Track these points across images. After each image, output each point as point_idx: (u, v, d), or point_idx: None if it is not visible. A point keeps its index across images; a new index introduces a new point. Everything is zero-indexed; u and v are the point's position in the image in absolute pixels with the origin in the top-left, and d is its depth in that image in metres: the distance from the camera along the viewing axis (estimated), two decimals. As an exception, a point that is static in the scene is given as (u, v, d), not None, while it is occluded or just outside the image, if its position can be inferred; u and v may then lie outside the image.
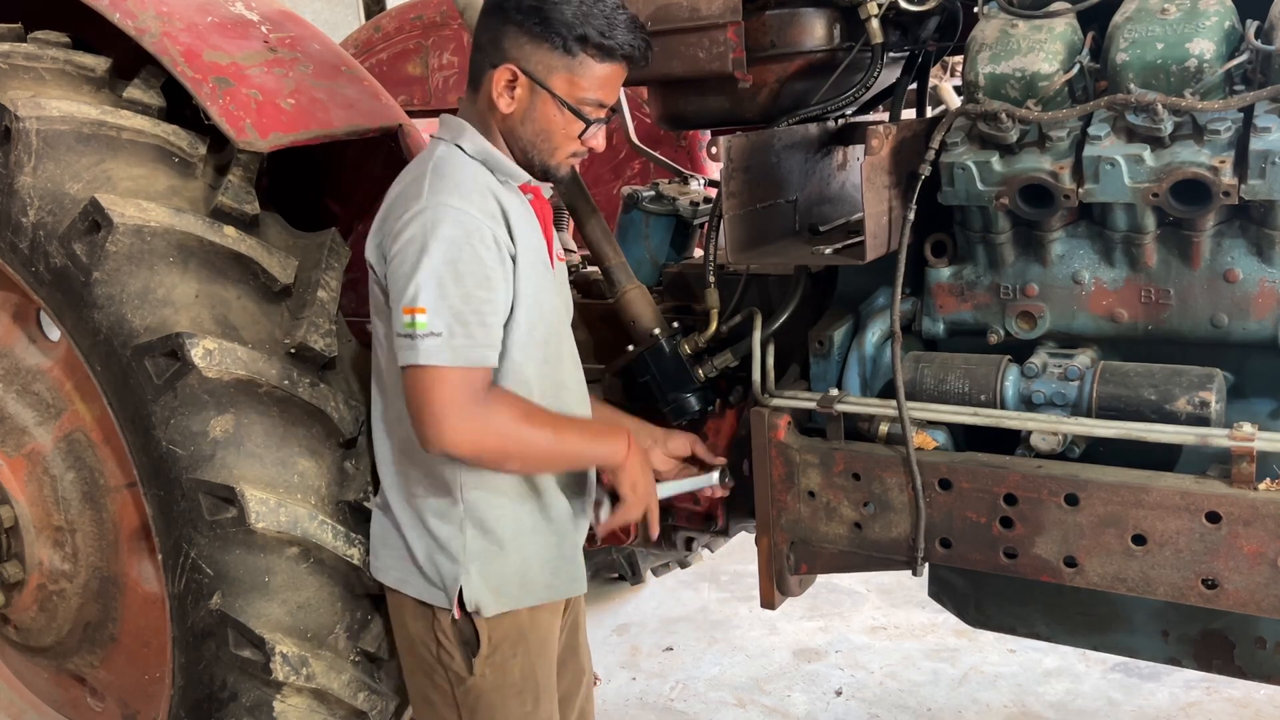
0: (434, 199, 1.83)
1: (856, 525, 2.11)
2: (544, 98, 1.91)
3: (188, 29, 2.24)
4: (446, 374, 1.82)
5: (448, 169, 1.90)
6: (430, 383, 1.82)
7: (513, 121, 1.94)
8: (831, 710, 3.67)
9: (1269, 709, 3.49)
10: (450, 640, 2.02)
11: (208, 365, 2.02)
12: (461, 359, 1.82)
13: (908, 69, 2.43)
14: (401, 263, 1.83)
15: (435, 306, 1.80)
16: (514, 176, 1.99)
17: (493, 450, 1.89)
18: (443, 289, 1.80)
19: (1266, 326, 1.88)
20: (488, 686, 2.03)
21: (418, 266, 1.80)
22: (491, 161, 1.96)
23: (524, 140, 1.96)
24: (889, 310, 2.09)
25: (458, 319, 1.81)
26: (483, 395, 1.87)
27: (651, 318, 2.42)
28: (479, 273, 1.83)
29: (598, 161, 3.71)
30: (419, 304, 1.79)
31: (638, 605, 4.51)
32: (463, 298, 1.82)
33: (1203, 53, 1.77)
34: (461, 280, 1.82)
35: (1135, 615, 2.15)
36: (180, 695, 2.24)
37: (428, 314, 1.79)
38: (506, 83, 1.91)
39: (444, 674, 2.05)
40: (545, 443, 1.95)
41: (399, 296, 1.83)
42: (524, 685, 2.06)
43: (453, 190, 1.85)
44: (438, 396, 1.82)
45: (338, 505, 2.15)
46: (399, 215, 1.86)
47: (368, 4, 8.93)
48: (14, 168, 2.12)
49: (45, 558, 2.42)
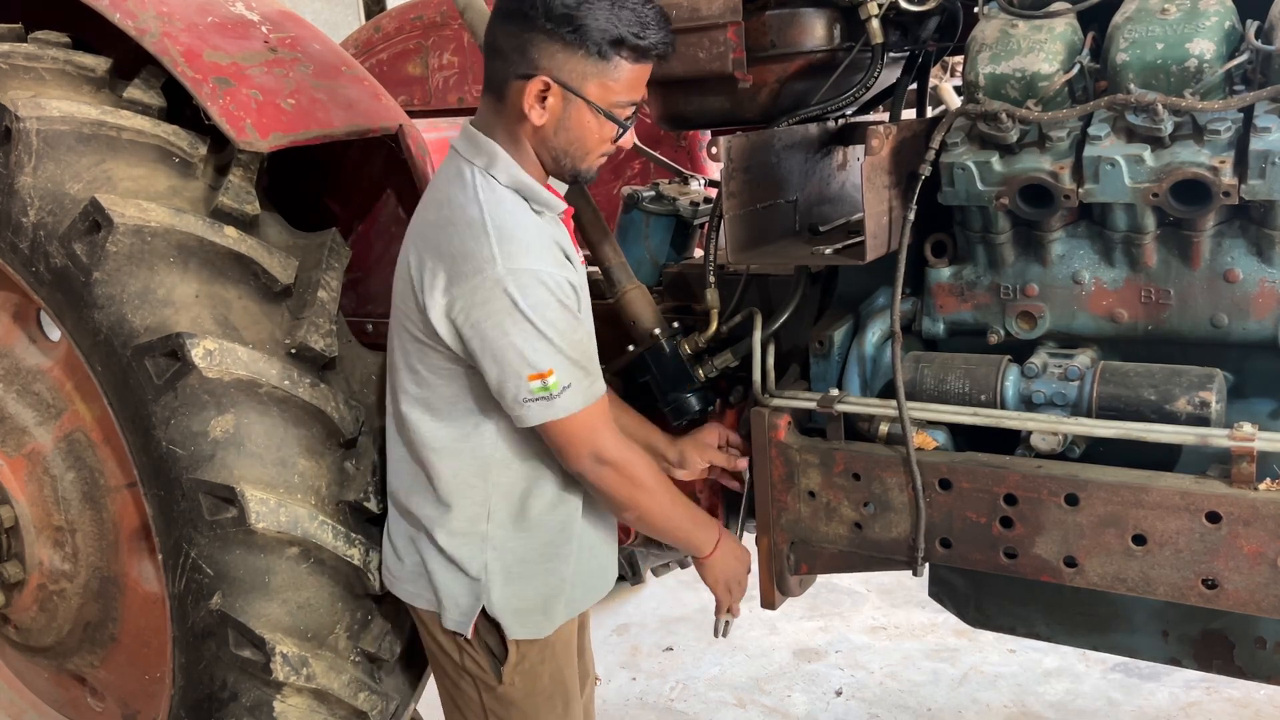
0: (510, 265, 1.81)
1: (856, 525, 2.11)
2: (578, 106, 1.87)
3: (188, 29, 2.24)
4: (585, 414, 1.91)
5: (508, 222, 1.86)
6: (578, 428, 1.91)
7: (545, 133, 1.90)
8: (831, 710, 3.67)
9: (1269, 709, 3.49)
10: (475, 648, 2.03)
11: (208, 365, 2.02)
12: (591, 396, 1.92)
13: (908, 69, 2.43)
14: (503, 333, 1.83)
15: (559, 364, 1.85)
16: (551, 208, 1.98)
17: (627, 492, 1.99)
18: (555, 347, 1.85)
19: (1266, 326, 1.88)
20: (519, 694, 2.04)
21: (526, 336, 1.83)
22: (526, 192, 1.93)
23: (556, 149, 1.93)
24: (889, 310, 2.09)
25: (576, 366, 1.89)
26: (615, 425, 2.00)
27: (651, 318, 2.42)
28: (569, 319, 1.88)
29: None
30: (544, 368, 1.84)
31: (638, 605, 4.51)
32: (571, 346, 1.88)
33: (1203, 53, 1.77)
34: (564, 334, 1.87)
35: (1135, 615, 2.15)
36: (180, 695, 2.24)
37: (556, 374, 1.85)
38: (538, 94, 1.86)
39: (471, 681, 2.06)
40: (663, 506, 2.06)
41: (515, 366, 1.84)
42: (554, 690, 2.08)
43: (526, 253, 1.83)
44: (585, 436, 1.92)
45: (338, 505, 2.15)
46: (471, 275, 1.82)
47: (368, 4, 8.93)
48: (14, 168, 2.12)
49: (45, 558, 2.42)
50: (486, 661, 2.03)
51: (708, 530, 2.17)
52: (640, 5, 1.85)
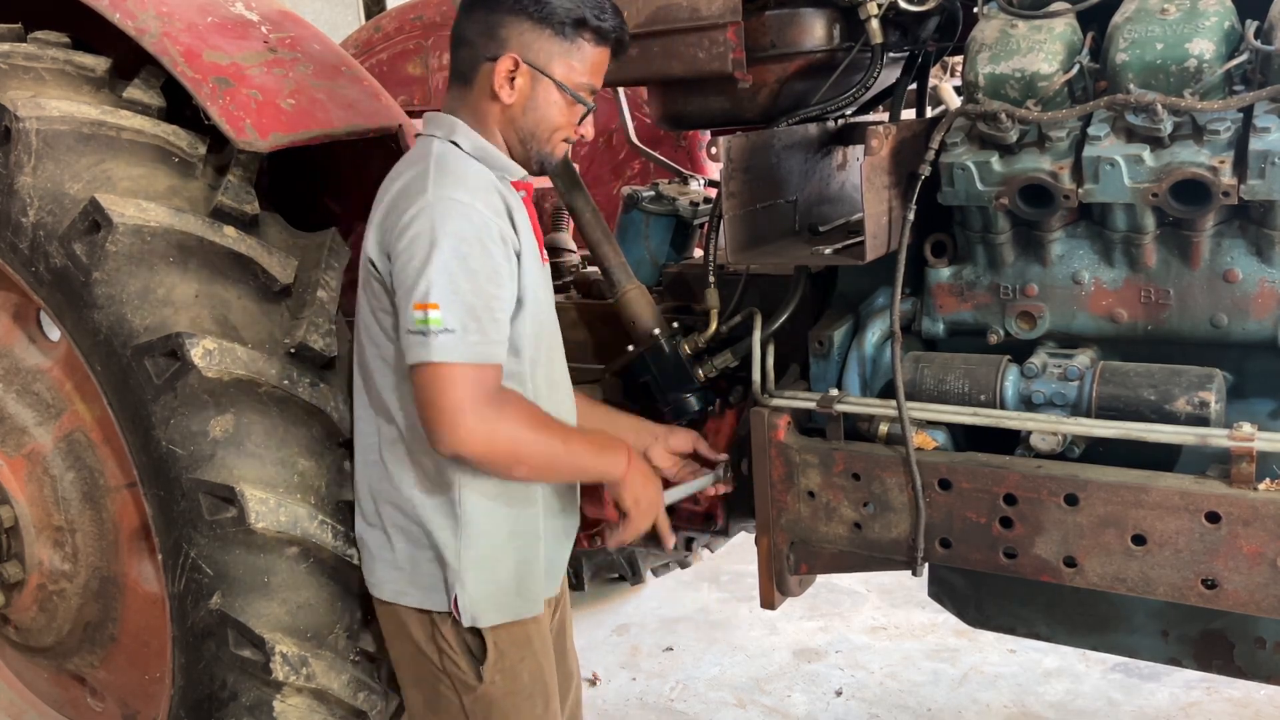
0: (440, 193, 1.81)
1: (856, 525, 2.11)
2: (545, 85, 1.92)
3: (188, 29, 2.24)
4: (460, 371, 1.79)
5: (451, 164, 1.89)
6: (444, 380, 1.78)
7: (514, 112, 1.93)
8: (831, 710, 3.67)
9: (1269, 709, 3.49)
10: (454, 649, 2.01)
11: (208, 365, 2.02)
12: (475, 355, 1.80)
13: (908, 69, 2.43)
14: (410, 258, 1.79)
15: (448, 302, 1.76)
16: (510, 172, 1.98)
17: (504, 454, 1.86)
18: (455, 285, 1.77)
19: (1266, 326, 1.88)
20: (499, 693, 2.02)
21: (428, 262, 1.77)
22: (488, 158, 1.95)
23: (524, 130, 1.95)
24: (889, 310, 2.09)
25: (471, 315, 1.79)
26: (495, 394, 1.84)
27: (651, 318, 2.42)
28: (489, 268, 1.82)
29: (598, 161, 3.71)
30: (431, 299, 1.76)
31: (638, 605, 4.51)
32: (475, 293, 1.79)
33: (1202, 53, 1.77)
34: (474, 276, 1.79)
35: (1135, 615, 2.15)
36: (180, 695, 2.24)
37: (441, 310, 1.76)
38: (508, 73, 1.90)
39: (450, 683, 2.03)
40: (554, 451, 1.93)
41: (408, 292, 1.79)
42: (534, 688, 2.06)
43: (459, 185, 1.84)
44: (452, 394, 1.79)
45: (338, 505, 2.15)
46: (403, 210, 1.83)
47: (368, 4, 8.93)
48: (14, 168, 2.12)
49: (45, 558, 2.42)
50: (466, 662, 2.01)
51: (615, 453, 2.05)
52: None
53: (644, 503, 2.08)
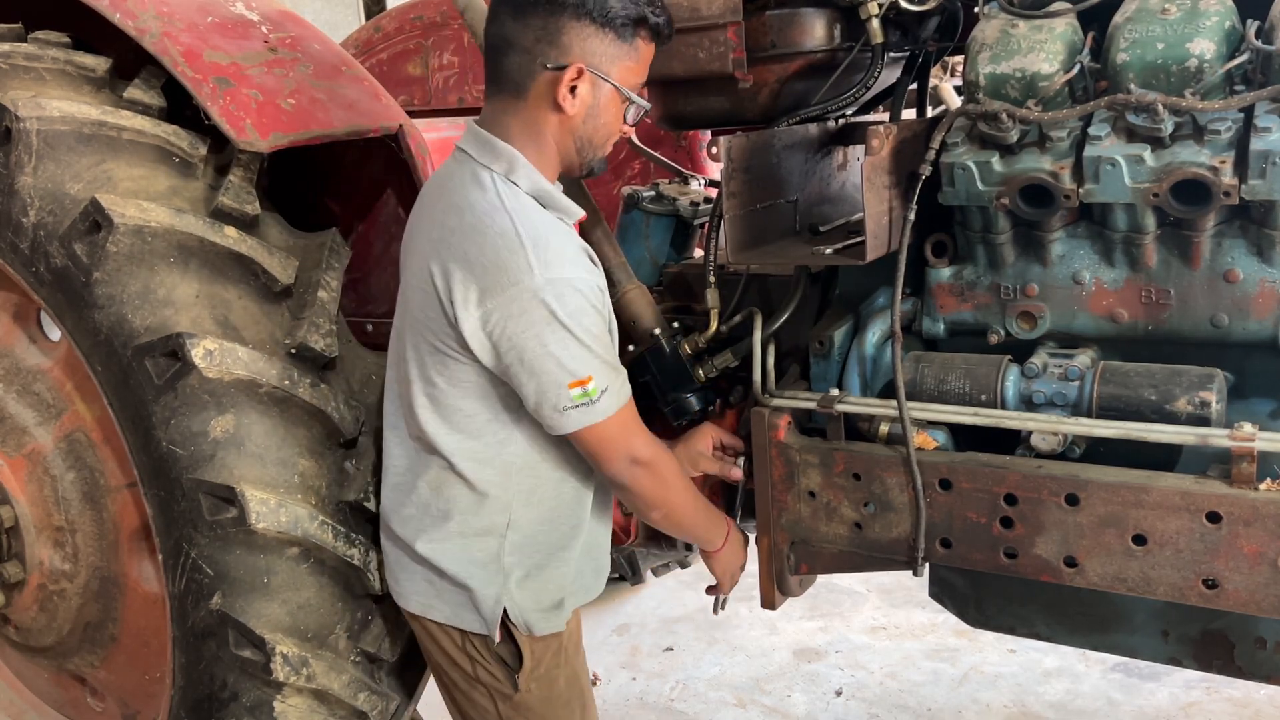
0: (548, 274, 1.79)
1: (857, 525, 2.11)
2: (608, 92, 1.88)
3: (188, 29, 2.24)
4: (621, 415, 1.92)
5: (541, 230, 1.83)
6: (615, 430, 1.91)
7: (574, 122, 1.88)
8: (831, 710, 3.67)
9: (1269, 709, 3.49)
10: (487, 659, 2.02)
11: (208, 365, 2.02)
12: (626, 395, 1.94)
13: (908, 69, 2.43)
14: (540, 344, 1.81)
15: (597, 370, 1.85)
16: (569, 215, 1.97)
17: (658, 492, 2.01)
18: (593, 353, 1.85)
19: (1266, 327, 1.88)
20: (536, 701, 2.03)
21: (564, 345, 1.82)
22: (545, 199, 1.91)
23: (583, 138, 1.91)
24: (889, 310, 2.09)
25: (612, 369, 1.90)
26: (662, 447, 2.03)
27: (651, 318, 2.42)
28: (602, 326, 1.89)
29: (598, 161, 3.70)
30: (582, 375, 1.84)
31: (638, 605, 4.51)
32: (605, 349, 1.89)
33: (1203, 53, 1.77)
34: (599, 339, 1.87)
35: (1135, 615, 2.15)
36: (180, 695, 2.24)
37: (595, 380, 1.85)
38: (571, 82, 1.84)
39: (485, 691, 2.04)
40: (688, 505, 2.10)
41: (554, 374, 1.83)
42: (570, 694, 2.08)
43: (560, 260, 1.81)
44: (621, 438, 1.93)
45: (338, 505, 2.15)
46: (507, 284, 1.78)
47: (368, 4, 8.93)
48: (14, 168, 2.12)
49: (45, 558, 2.42)
50: (501, 671, 2.02)
51: (720, 525, 2.21)
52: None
53: (731, 573, 2.28)
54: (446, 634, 2.04)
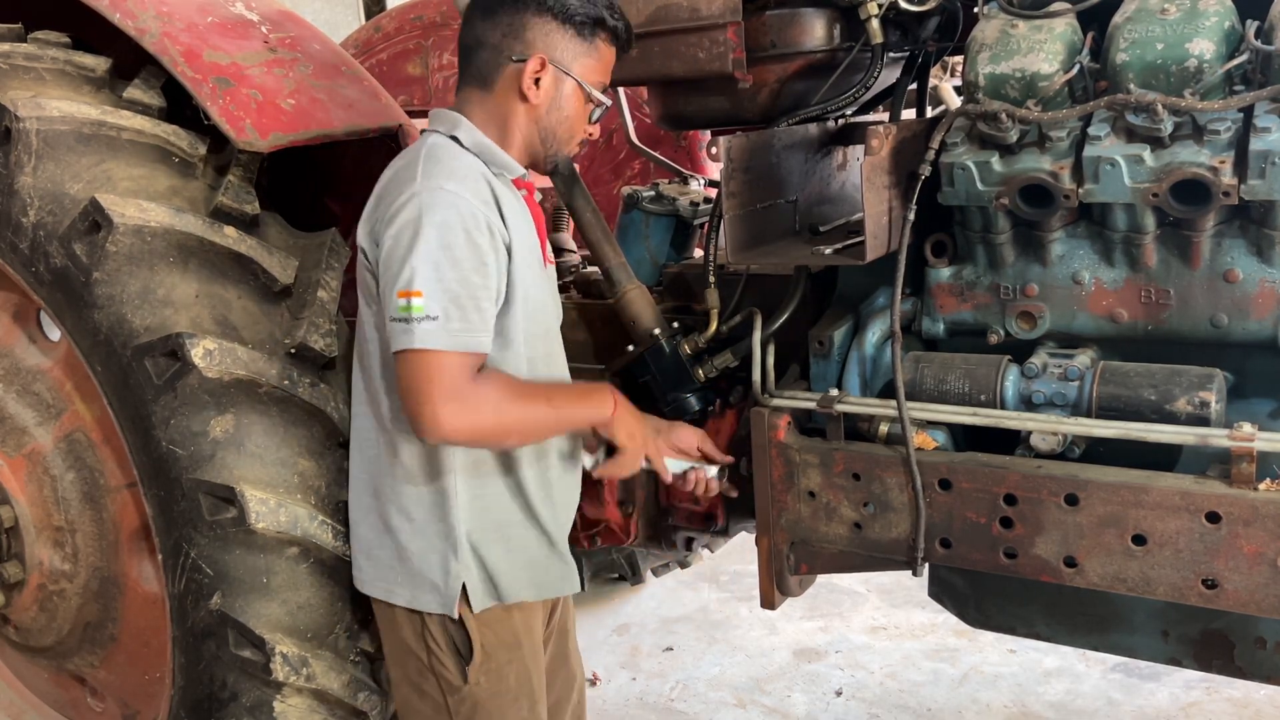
0: (428, 183, 1.83)
1: (856, 525, 2.11)
2: (569, 85, 1.96)
3: (188, 29, 2.24)
4: (443, 358, 1.79)
5: (442, 155, 1.90)
6: (427, 368, 1.79)
7: (539, 112, 1.96)
8: (831, 710, 3.67)
9: (1269, 709, 3.49)
10: (442, 648, 2.01)
11: (208, 365, 2.02)
12: (458, 343, 1.80)
13: (908, 69, 2.43)
14: (395, 246, 1.81)
15: (431, 290, 1.78)
16: (508, 169, 1.98)
17: (490, 429, 1.87)
18: (439, 272, 1.78)
19: (1266, 326, 1.88)
20: (484, 694, 2.02)
21: (412, 250, 1.78)
22: (486, 154, 1.96)
23: (546, 129, 1.98)
24: (889, 310, 2.09)
25: (454, 303, 1.79)
26: (475, 378, 1.85)
27: (651, 318, 2.42)
28: (474, 257, 1.82)
29: (598, 161, 3.71)
30: (415, 287, 1.77)
31: (638, 605, 4.51)
32: (459, 281, 1.80)
33: (1203, 53, 1.77)
34: (458, 264, 1.80)
35: (1135, 615, 2.15)
36: (180, 695, 2.24)
37: (424, 297, 1.77)
38: (534, 73, 1.93)
39: (435, 683, 2.03)
40: (540, 414, 1.94)
41: (393, 280, 1.80)
42: (520, 691, 2.06)
43: (447, 175, 1.85)
44: (435, 382, 1.79)
45: (338, 505, 2.15)
46: (392, 200, 1.85)
47: (368, 4, 8.93)
48: (14, 168, 2.12)
49: (45, 558, 2.42)
50: (452, 662, 2.01)
51: (600, 396, 2.04)
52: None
53: (638, 436, 2.08)
54: (409, 620, 2.02)
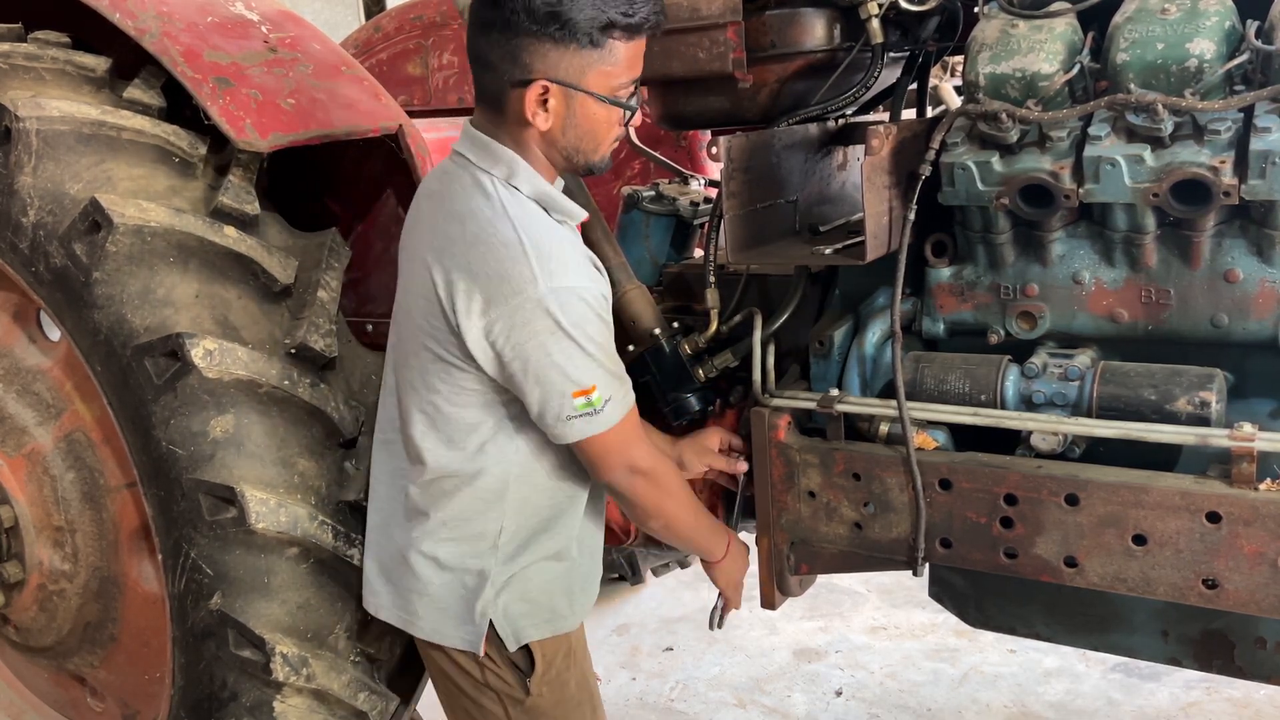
0: (553, 283, 1.79)
1: (857, 525, 2.11)
2: (582, 100, 1.83)
3: (188, 29, 2.24)
4: (623, 425, 1.93)
5: (544, 240, 1.82)
6: (616, 439, 1.92)
7: (553, 135, 1.87)
8: (831, 710, 3.67)
9: (1269, 709, 3.49)
10: (498, 663, 2.00)
11: (208, 365, 2.02)
12: (628, 406, 1.95)
13: (908, 69, 2.43)
14: (544, 353, 1.81)
15: (601, 380, 1.87)
16: (572, 217, 1.95)
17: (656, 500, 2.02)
18: (596, 362, 1.86)
19: (1266, 326, 1.88)
20: (548, 705, 2.02)
21: (569, 353, 1.82)
22: (547, 202, 1.90)
23: (567, 148, 1.89)
24: (889, 310, 2.09)
25: (615, 378, 1.92)
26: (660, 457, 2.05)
27: (651, 318, 2.41)
28: (606, 333, 1.90)
29: (597, 161, 3.70)
30: (587, 385, 1.85)
31: (638, 605, 4.51)
32: (609, 357, 1.90)
33: (1203, 53, 1.77)
34: (604, 347, 1.88)
35: (1135, 615, 2.15)
36: (180, 695, 2.24)
37: (599, 389, 1.86)
38: (539, 98, 1.82)
39: (495, 697, 2.02)
40: (687, 515, 2.11)
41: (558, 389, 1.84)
42: (581, 696, 2.07)
43: (564, 270, 1.82)
44: (621, 447, 1.94)
45: (338, 505, 2.15)
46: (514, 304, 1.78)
47: (368, 4, 8.93)
48: (14, 168, 2.12)
49: (45, 558, 2.42)
50: (512, 675, 2.00)
51: (721, 536, 2.22)
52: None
53: (735, 584, 2.29)
54: None
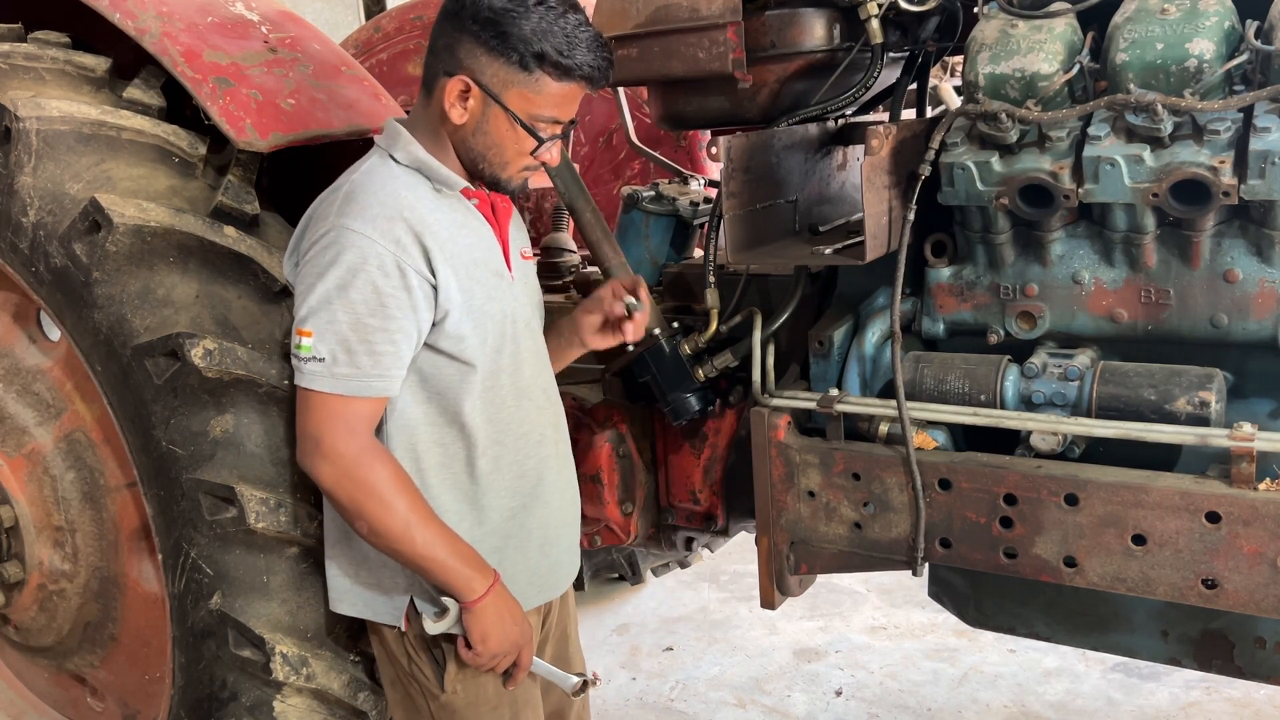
0: (338, 222, 1.79)
1: (856, 525, 2.11)
2: (497, 112, 1.83)
3: (188, 29, 2.24)
4: (324, 400, 1.81)
5: (363, 189, 1.84)
6: (308, 406, 1.83)
7: (464, 133, 1.86)
8: (831, 710, 3.67)
9: (1269, 709, 3.49)
10: (419, 655, 1.99)
11: (208, 365, 2.02)
12: (342, 388, 1.80)
13: (908, 69, 2.43)
14: (300, 283, 1.83)
15: (320, 331, 1.79)
16: (450, 184, 1.91)
17: (349, 495, 1.82)
18: (331, 314, 1.79)
19: (1266, 326, 1.88)
20: (461, 704, 2.00)
21: (311, 289, 1.79)
22: (425, 170, 1.89)
23: (475, 151, 1.88)
24: (889, 310, 2.09)
25: (343, 346, 1.79)
26: (363, 428, 1.83)
27: (651, 318, 2.41)
28: (372, 300, 1.78)
29: (598, 161, 3.71)
30: (306, 326, 1.80)
31: (638, 605, 4.51)
32: (351, 325, 1.79)
33: (1202, 53, 1.77)
34: (352, 307, 1.78)
35: (1135, 615, 2.15)
36: (180, 695, 2.24)
37: (313, 338, 1.79)
38: (459, 93, 1.82)
39: (418, 688, 2.02)
40: (402, 524, 1.81)
41: (295, 315, 1.84)
42: (499, 700, 2.02)
43: (359, 214, 1.79)
44: (313, 420, 1.82)
45: (338, 505, 2.14)
46: (310, 235, 1.85)
47: (368, 4, 8.92)
48: (14, 168, 2.12)
49: (45, 558, 2.42)
50: (430, 670, 1.98)
51: (477, 571, 1.87)
52: (576, 27, 1.79)
53: (493, 641, 1.89)
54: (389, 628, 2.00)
